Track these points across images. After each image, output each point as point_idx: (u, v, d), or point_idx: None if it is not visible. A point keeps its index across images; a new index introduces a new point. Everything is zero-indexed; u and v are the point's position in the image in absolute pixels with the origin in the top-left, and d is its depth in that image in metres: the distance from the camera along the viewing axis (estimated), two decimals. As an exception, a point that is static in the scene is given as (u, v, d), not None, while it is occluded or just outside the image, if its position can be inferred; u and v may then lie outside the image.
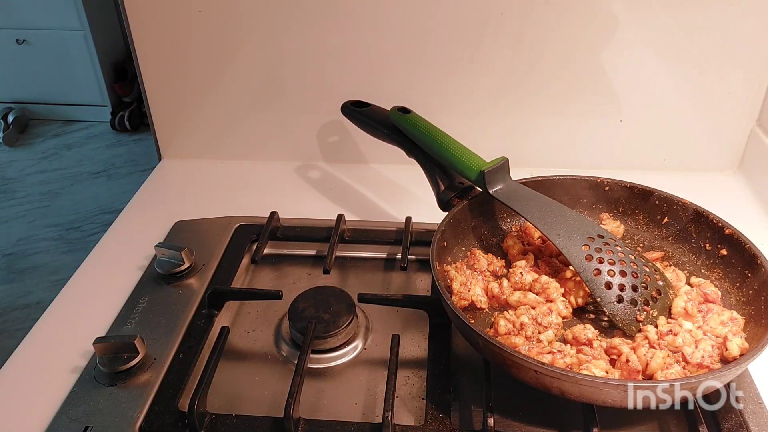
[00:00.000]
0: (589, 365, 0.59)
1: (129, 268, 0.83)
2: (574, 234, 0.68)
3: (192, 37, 0.97)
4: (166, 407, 0.64)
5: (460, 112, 1.00)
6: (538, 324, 0.65)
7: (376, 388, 0.68)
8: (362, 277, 0.84)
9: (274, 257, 0.87)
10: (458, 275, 0.70)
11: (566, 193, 0.80)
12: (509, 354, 0.57)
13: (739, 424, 0.61)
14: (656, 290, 0.67)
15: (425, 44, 0.95)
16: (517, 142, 1.01)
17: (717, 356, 0.61)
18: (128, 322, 0.74)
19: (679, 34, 0.91)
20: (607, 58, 0.94)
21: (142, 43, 0.99)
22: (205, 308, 0.75)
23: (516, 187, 0.73)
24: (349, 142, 1.05)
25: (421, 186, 0.82)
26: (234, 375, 0.70)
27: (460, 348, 0.70)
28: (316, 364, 0.71)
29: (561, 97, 0.98)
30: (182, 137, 1.06)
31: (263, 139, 1.07)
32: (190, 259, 0.80)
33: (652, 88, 0.96)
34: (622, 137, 1.01)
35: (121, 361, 0.67)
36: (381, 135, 0.85)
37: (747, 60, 0.93)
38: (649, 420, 0.63)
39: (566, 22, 0.92)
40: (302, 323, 0.71)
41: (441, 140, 0.76)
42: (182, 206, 0.96)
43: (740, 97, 0.96)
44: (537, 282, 0.69)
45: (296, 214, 0.91)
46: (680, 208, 0.76)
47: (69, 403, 0.65)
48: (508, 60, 0.96)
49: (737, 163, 1.03)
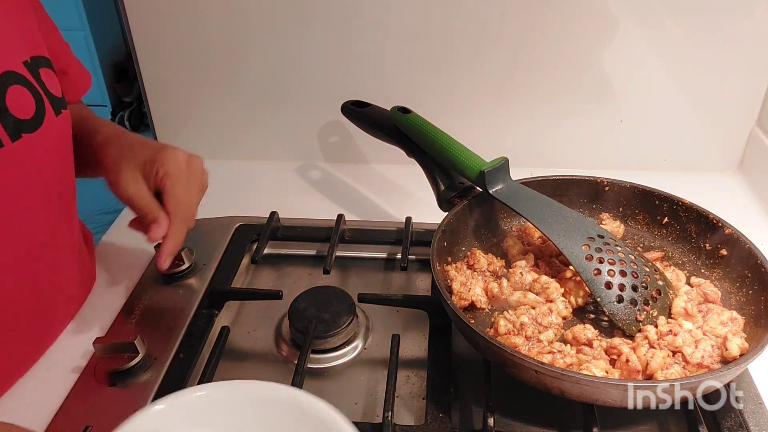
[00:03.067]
0: (589, 365, 0.59)
1: (129, 268, 0.83)
2: (574, 234, 0.68)
3: (192, 37, 0.97)
4: (167, 407, 0.64)
5: (460, 112, 1.00)
6: (538, 324, 0.65)
7: (377, 388, 0.68)
8: (362, 277, 0.84)
9: (275, 257, 0.87)
10: (458, 275, 0.70)
11: (566, 193, 0.80)
12: (510, 354, 0.57)
13: (739, 424, 0.61)
14: (656, 290, 0.67)
15: (426, 44, 0.95)
16: (517, 142, 1.01)
17: (717, 356, 0.61)
18: (129, 322, 0.74)
19: (679, 34, 0.92)
20: (607, 58, 0.94)
21: (142, 43, 0.99)
22: (206, 308, 0.75)
23: (516, 187, 0.73)
24: (350, 142, 1.05)
25: (421, 186, 0.82)
26: (234, 375, 0.70)
27: (460, 348, 0.70)
28: (317, 364, 0.71)
29: (561, 97, 0.98)
30: (182, 137, 1.06)
31: (263, 139, 1.07)
32: (190, 259, 0.80)
33: (652, 88, 0.97)
34: (622, 137, 1.01)
35: (121, 360, 0.67)
36: (381, 135, 0.85)
37: (747, 60, 0.93)
38: (648, 420, 0.63)
39: (567, 22, 0.92)
40: (302, 323, 0.71)
41: (441, 140, 0.76)
42: (182, 206, 0.96)
43: (740, 97, 0.97)
44: (537, 282, 0.69)
45: (296, 214, 0.91)
46: (680, 208, 0.76)
47: (69, 403, 0.65)
48: (509, 60, 0.96)
49: (737, 163, 1.03)
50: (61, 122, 0.68)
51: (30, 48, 0.67)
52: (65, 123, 0.69)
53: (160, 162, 0.68)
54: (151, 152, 0.69)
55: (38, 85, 0.65)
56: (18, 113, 0.63)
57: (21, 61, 0.65)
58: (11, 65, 0.63)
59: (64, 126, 0.69)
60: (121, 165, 0.69)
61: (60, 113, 0.68)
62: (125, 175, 0.68)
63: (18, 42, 0.66)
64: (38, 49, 0.68)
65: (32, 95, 0.65)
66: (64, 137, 0.70)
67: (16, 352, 0.68)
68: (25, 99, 0.64)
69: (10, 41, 0.65)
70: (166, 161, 0.68)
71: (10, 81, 0.62)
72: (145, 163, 0.68)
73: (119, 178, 0.68)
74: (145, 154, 0.69)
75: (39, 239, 0.68)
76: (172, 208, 0.68)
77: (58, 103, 0.67)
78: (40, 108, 0.65)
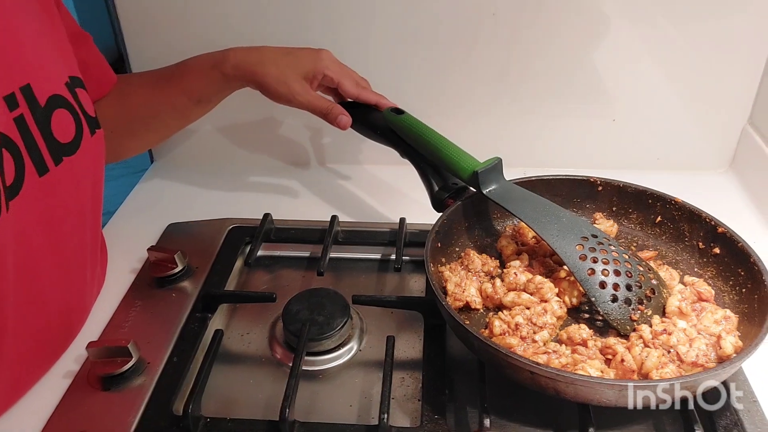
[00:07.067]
0: (584, 365, 0.59)
1: (122, 272, 0.82)
2: (567, 234, 0.68)
3: (184, 39, 0.96)
4: (161, 411, 0.63)
5: (453, 112, 1.00)
6: (532, 324, 0.65)
7: (371, 390, 0.68)
8: (356, 278, 0.84)
9: (268, 259, 0.87)
10: (453, 276, 0.70)
11: (559, 192, 0.80)
12: (504, 355, 0.57)
13: (734, 422, 0.61)
14: (650, 289, 0.67)
15: (418, 44, 0.95)
16: (510, 142, 1.01)
17: (712, 355, 0.61)
18: (122, 326, 0.73)
19: (671, 33, 0.92)
20: (599, 58, 0.95)
21: (134, 46, 0.98)
22: (199, 311, 0.75)
23: (510, 188, 0.73)
24: (343, 143, 1.05)
25: (414, 187, 0.81)
26: (228, 378, 0.70)
27: (455, 349, 0.69)
28: (311, 367, 0.70)
29: (554, 97, 0.98)
30: (174, 139, 1.05)
31: (256, 140, 1.07)
32: (183, 262, 0.80)
33: (645, 87, 0.97)
34: (614, 137, 1.01)
35: (114, 365, 0.66)
36: (374, 136, 0.85)
37: (739, 59, 0.93)
38: (644, 419, 0.63)
39: (559, 22, 0.92)
40: (296, 325, 0.70)
41: (435, 141, 0.76)
42: (174, 208, 0.96)
43: (732, 96, 0.97)
44: (531, 282, 0.69)
45: (289, 215, 0.91)
46: (673, 207, 0.76)
47: (63, 408, 0.64)
48: (501, 61, 0.96)
49: (729, 161, 1.03)
50: (95, 142, 0.69)
51: (68, 67, 0.68)
52: (99, 142, 0.71)
53: (319, 69, 0.80)
54: (307, 61, 0.80)
55: (77, 107, 0.66)
56: (60, 137, 0.63)
57: (63, 83, 0.65)
58: (57, 88, 0.64)
59: (98, 145, 0.71)
60: (287, 79, 0.79)
61: (95, 133, 0.69)
62: (295, 86, 0.79)
63: (59, 62, 0.67)
64: (74, 67, 0.69)
65: (73, 118, 0.65)
66: (98, 157, 0.71)
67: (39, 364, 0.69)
68: (67, 122, 0.65)
69: (53, 62, 0.65)
70: (324, 66, 0.80)
71: (56, 104, 0.63)
72: (307, 73, 0.80)
73: (291, 91, 0.79)
74: (301, 65, 0.80)
75: (74, 260, 0.70)
76: (352, 90, 0.82)
77: (92, 123, 0.69)
78: (79, 130, 0.66)
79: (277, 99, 0.80)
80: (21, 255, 0.59)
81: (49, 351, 0.69)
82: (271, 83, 0.79)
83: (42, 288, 0.64)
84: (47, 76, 0.63)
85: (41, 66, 0.63)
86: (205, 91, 0.82)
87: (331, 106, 0.80)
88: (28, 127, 0.60)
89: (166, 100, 0.83)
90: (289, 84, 0.79)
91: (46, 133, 0.61)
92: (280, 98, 0.80)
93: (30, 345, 0.65)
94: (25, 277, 0.60)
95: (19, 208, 0.57)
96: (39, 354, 0.68)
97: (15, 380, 0.65)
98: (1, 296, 0.57)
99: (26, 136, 0.59)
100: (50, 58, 0.65)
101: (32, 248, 0.61)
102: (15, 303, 0.60)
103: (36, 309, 0.64)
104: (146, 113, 0.85)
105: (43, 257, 0.63)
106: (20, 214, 0.58)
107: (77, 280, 0.72)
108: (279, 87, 0.79)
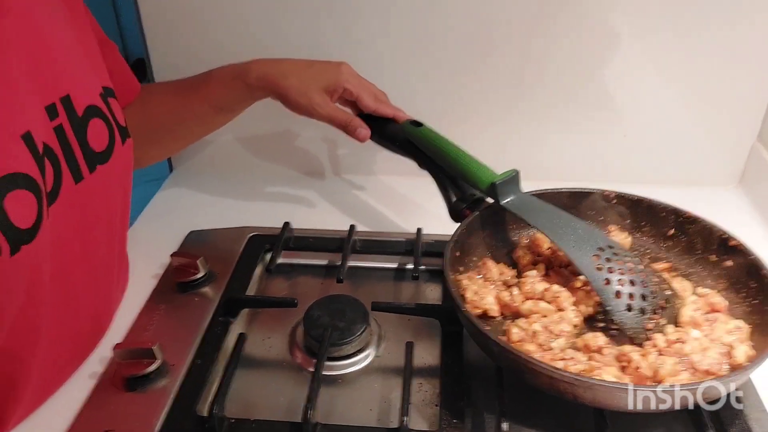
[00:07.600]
0: (600, 372, 0.61)
1: (144, 277, 0.84)
2: (584, 244, 0.70)
3: (202, 46, 0.98)
4: (185, 412, 0.65)
5: (465, 125, 1.00)
6: (549, 332, 0.66)
7: (390, 395, 0.69)
8: (373, 286, 0.85)
9: (287, 267, 0.88)
10: (471, 284, 0.72)
11: (575, 205, 0.81)
12: (525, 360, 0.58)
13: (744, 430, 0.62)
14: (664, 299, 0.68)
15: (432, 55, 0.97)
16: (525, 155, 1.02)
17: (725, 364, 0.63)
18: (146, 329, 0.75)
19: (681, 50, 0.94)
20: (611, 73, 0.96)
21: (158, 54, 1.01)
22: (221, 316, 0.77)
23: (527, 199, 0.75)
24: (357, 154, 1.06)
25: (430, 198, 0.83)
26: (249, 381, 0.71)
27: (472, 355, 0.71)
28: (330, 371, 0.72)
29: (567, 113, 1.00)
30: (193, 148, 1.07)
31: (274, 150, 1.08)
32: (205, 268, 0.82)
33: (656, 104, 0.99)
34: (626, 152, 1.03)
35: (139, 366, 0.68)
36: (393, 147, 0.86)
37: (748, 76, 0.95)
38: (657, 425, 0.64)
39: (571, 38, 0.94)
40: (318, 331, 0.72)
41: (453, 153, 0.78)
42: (194, 216, 0.97)
43: (741, 112, 0.99)
44: (548, 291, 0.70)
45: (306, 224, 0.92)
46: (686, 221, 0.77)
47: (89, 408, 0.66)
48: (514, 74, 0.98)
49: (738, 177, 1.05)
50: (126, 150, 0.71)
51: (101, 77, 0.70)
52: (129, 151, 0.72)
53: (340, 83, 0.82)
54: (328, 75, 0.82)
55: (111, 116, 0.68)
56: (95, 145, 0.65)
57: (98, 93, 0.67)
58: (93, 99, 0.66)
59: (128, 154, 0.72)
60: (309, 91, 0.80)
61: (125, 142, 0.71)
62: (316, 98, 0.81)
63: (93, 71, 0.69)
64: (105, 77, 0.71)
65: (107, 127, 0.67)
66: (128, 165, 0.73)
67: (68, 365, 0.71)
68: (101, 131, 0.67)
69: (89, 72, 0.68)
70: (345, 80, 0.82)
71: (93, 114, 0.65)
72: (327, 86, 0.81)
73: (312, 103, 0.80)
74: (322, 78, 0.82)
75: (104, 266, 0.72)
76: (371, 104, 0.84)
77: (123, 132, 0.71)
78: (111, 139, 0.68)
79: (298, 110, 0.82)
80: (57, 260, 0.61)
81: (77, 353, 0.71)
82: (292, 95, 0.81)
83: (75, 293, 0.66)
84: (84, 86, 0.65)
85: (78, 76, 0.65)
86: (227, 100, 0.84)
87: (350, 119, 0.82)
88: (67, 136, 0.62)
89: (189, 108, 0.85)
90: (310, 96, 0.81)
91: (82, 141, 0.63)
92: (301, 110, 0.82)
93: (62, 348, 0.67)
94: (60, 282, 0.62)
95: (57, 215, 0.59)
96: (69, 356, 0.69)
97: (46, 381, 0.66)
98: (39, 301, 0.59)
99: (64, 145, 0.61)
100: (86, 68, 0.67)
101: (67, 254, 0.63)
102: (50, 307, 0.61)
103: (69, 313, 0.66)
104: (169, 121, 0.87)
105: (76, 263, 0.65)
106: (58, 220, 0.59)
107: (105, 284, 0.74)
108: (300, 99, 0.81)
